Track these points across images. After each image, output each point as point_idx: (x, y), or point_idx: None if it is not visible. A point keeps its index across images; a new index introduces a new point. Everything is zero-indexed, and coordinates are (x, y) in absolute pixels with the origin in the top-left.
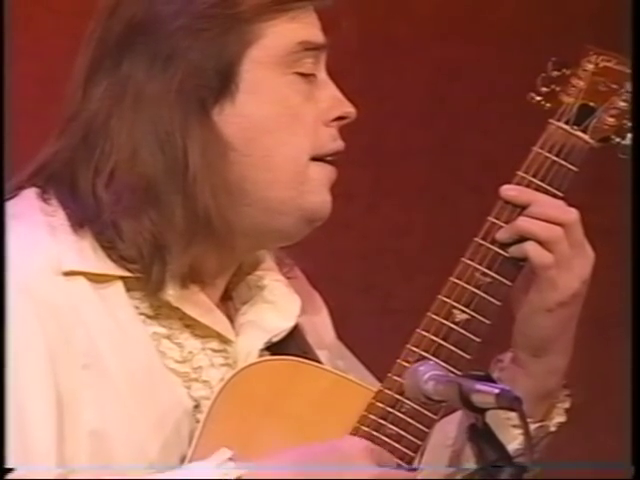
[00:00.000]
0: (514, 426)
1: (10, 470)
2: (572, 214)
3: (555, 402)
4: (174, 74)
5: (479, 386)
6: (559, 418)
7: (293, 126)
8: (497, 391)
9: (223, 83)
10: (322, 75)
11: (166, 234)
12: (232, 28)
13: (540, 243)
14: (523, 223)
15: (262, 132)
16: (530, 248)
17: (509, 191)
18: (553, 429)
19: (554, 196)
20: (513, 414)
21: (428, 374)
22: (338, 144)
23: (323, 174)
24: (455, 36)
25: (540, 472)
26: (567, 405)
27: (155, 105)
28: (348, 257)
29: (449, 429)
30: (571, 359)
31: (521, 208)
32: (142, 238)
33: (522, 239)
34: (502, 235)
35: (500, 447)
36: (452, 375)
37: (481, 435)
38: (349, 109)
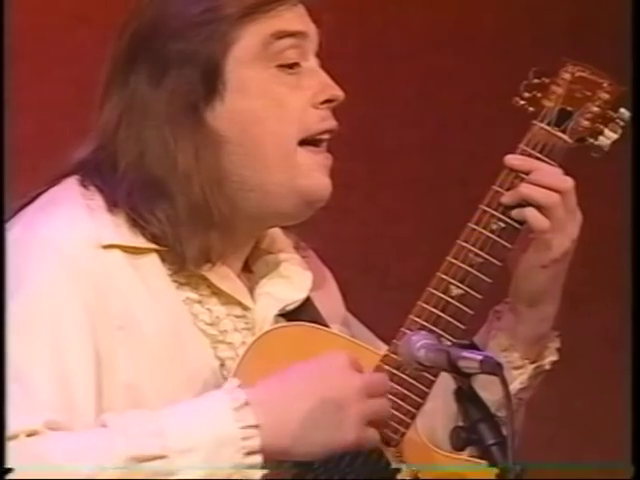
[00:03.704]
0: (514, 368)
1: (10, 470)
2: (568, 182)
3: (547, 342)
4: (168, 83)
5: (465, 353)
6: (552, 357)
7: (279, 115)
8: (480, 358)
9: (211, 85)
10: (309, 63)
11: (176, 223)
12: (216, 32)
13: (539, 208)
14: (526, 189)
15: (250, 123)
16: (530, 214)
17: (513, 160)
18: (548, 367)
19: None
20: (513, 359)
21: (420, 343)
22: (328, 123)
23: (312, 160)
24: (444, 46)
25: (540, 472)
26: (557, 345)
27: (156, 113)
28: (349, 241)
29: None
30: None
31: (520, 179)
32: (160, 223)
33: (523, 204)
34: (506, 199)
35: (483, 407)
36: (441, 343)
37: (467, 397)
38: (336, 92)
